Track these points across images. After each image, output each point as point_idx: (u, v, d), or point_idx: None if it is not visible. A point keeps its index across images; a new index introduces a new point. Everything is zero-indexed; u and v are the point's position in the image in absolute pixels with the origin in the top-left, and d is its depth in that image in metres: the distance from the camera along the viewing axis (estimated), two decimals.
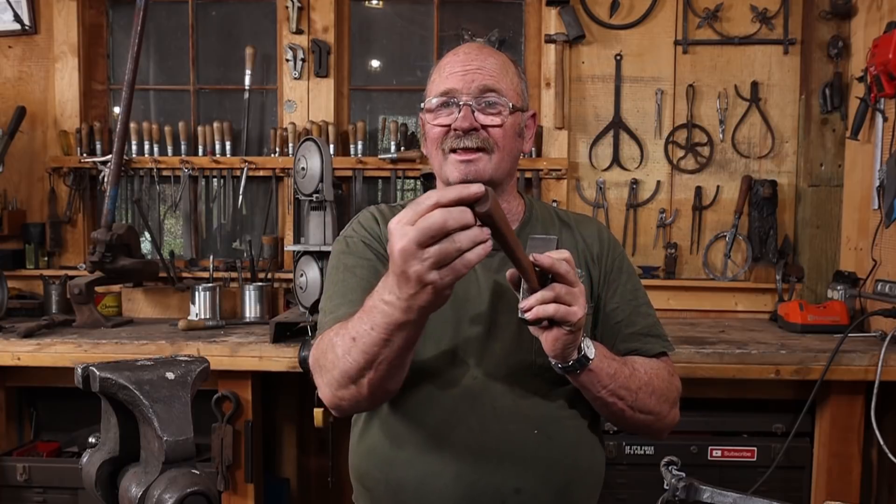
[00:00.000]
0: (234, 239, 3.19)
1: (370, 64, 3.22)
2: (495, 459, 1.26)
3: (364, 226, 1.43)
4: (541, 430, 1.29)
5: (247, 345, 2.28)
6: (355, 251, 1.38)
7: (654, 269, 2.95)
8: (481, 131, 1.32)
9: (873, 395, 2.09)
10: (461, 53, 1.37)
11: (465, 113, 1.31)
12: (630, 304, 1.43)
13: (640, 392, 1.29)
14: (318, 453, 2.95)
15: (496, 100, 1.33)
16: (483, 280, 1.35)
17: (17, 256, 2.99)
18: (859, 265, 2.63)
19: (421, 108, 1.40)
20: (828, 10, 2.74)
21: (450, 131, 1.33)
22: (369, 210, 1.47)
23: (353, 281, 1.33)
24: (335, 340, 1.15)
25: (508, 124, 1.34)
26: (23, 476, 2.38)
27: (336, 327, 1.18)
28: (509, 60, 1.40)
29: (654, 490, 1.29)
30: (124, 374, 0.81)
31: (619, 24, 2.96)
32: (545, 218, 1.47)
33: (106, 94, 3.18)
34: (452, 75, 1.34)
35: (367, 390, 1.14)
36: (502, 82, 1.35)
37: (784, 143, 2.94)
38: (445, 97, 1.34)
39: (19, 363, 2.29)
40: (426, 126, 1.38)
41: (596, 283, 1.43)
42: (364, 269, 1.35)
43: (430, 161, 1.41)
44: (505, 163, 1.36)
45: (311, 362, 1.26)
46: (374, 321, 1.05)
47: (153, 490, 0.79)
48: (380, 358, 1.09)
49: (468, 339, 1.32)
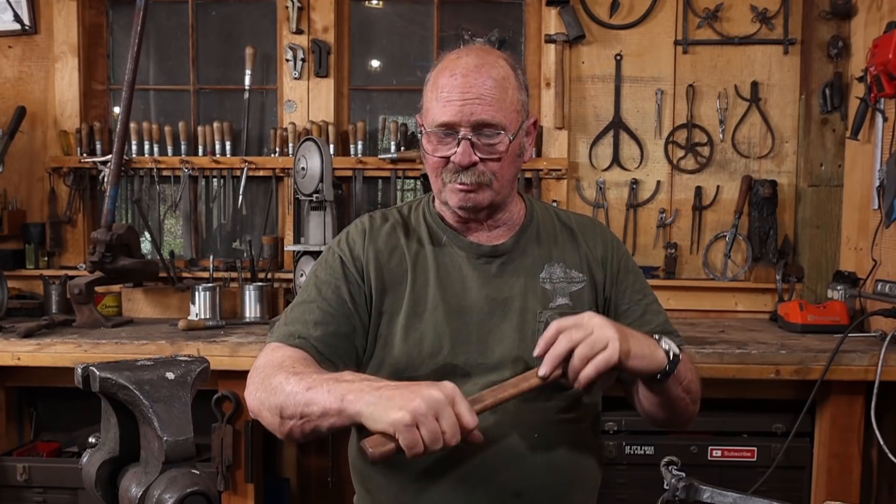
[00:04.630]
0: (234, 239, 3.19)
1: (370, 64, 3.22)
2: (495, 464, 1.26)
3: (349, 241, 1.40)
4: (541, 435, 1.29)
5: (247, 345, 2.28)
6: (330, 266, 1.38)
7: (654, 269, 2.95)
8: (479, 165, 1.30)
9: (873, 395, 2.08)
10: (458, 76, 1.29)
11: (464, 148, 1.28)
12: (641, 303, 1.43)
13: (695, 381, 1.35)
14: (318, 453, 2.95)
15: (495, 133, 1.29)
16: (477, 290, 1.35)
17: (17, 256, 2.99)
18: (859, 265, 2.63)
19: (419, 110, 1.38)
20: (828, 10, 2.73)
21: (448, 163, 1.31)
22: (362, 220, 1.45)
23: (315, 298, 1.34)
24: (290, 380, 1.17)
25: (508, 153, 1.31)
26: (23, 476, 2.38)
27: (298, 362, 1.23)
28: (510, 71, 1.33)
29: (654, 490, 1.29)
30: (124, 374, 0.81)
31: (619, 24, 2.95)
32: (545, 221, 1.46)
33: (106, 94, 3.18)
34: (450, 104, 1.28)
35: (285, 430, 1.18)
36: (501, 111, 1.29)
37: (784, 143, 2.94)
38: (443, 128, 1.30)
39: (19, 363, 2.29)
40: (424, 150, 1.35)
41: (601, 287, 1.42)
42: (328, 288, 1.35)
43: (430, 179, 1.39)
44: (505, 189, 1.35)
45: (255, 369, 1.27)
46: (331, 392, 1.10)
47: (153, 490, 0.79)
48: (309, 420, 1.13)
49: (466, 349, 1.32)
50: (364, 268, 1.36)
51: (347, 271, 1.36)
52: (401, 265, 1.37)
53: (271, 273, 2.91)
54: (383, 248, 1.38)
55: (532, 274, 1.38)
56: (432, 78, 1.35)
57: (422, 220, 1.43)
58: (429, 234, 1.41)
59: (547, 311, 1.35)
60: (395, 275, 1.36)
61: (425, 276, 1.36)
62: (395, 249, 1.39)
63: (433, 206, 1.44)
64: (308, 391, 1.12)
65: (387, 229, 1.41)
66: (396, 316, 1.34)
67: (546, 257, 1.40)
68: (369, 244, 1.38)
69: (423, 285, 1.35)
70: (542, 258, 1.40)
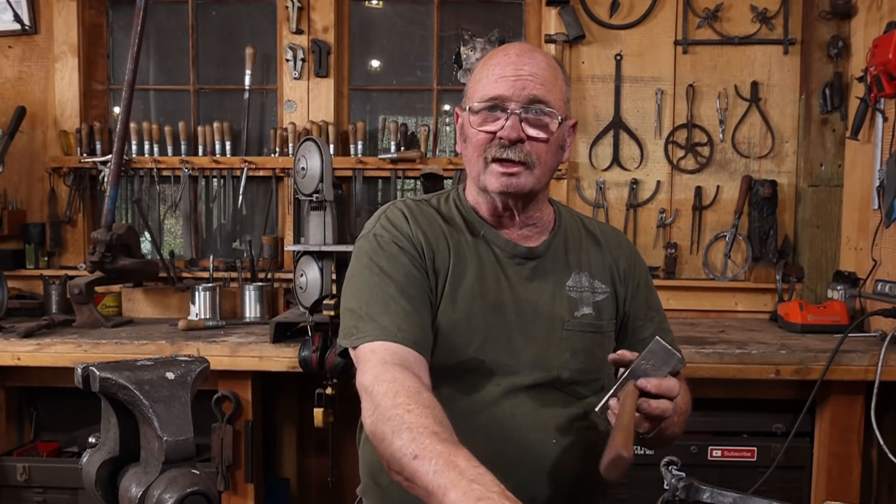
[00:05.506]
0: (234, 239, 3.19)
1: (370, 64, 3.22)
2: (512, 467, 1.24)
3: (394, 223, 1.33)
4: (559, 440, 1.29)
5: (247, 345, 2.28)
6: (389, 252, 1.29)
7: (654, 269, 2.94)
8: (525, 144, 1.27)
9: (873, 395, 2.09)
10: (513, 55, 1.29)
11: (514, 122, 1.25)
12: (654, 319, 1.44)
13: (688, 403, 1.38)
14: (318, 453, 2.95)
15: (546, 111, 1.27)
16: (512, 289, 1.33)
17: (17, 256, 2.99)
18: (859, 265, 2.63)
19: (464, 107, 1.34)
20: (828, 10, 2.73)
21: (494, 139, 1.28)
22: (397, 206, 1.38)
23: (392, 289, 1.25)
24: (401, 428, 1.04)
25: (554, 138, 1.29)
26: (23, 476, 2.38)
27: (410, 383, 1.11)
28: (558, 65, 1.34)
29: (654, 490, 1.28)
30: (124, 374, 0.81)
31: (619, 24, 2.95)
32: (573, 229, 1.44)
33: (106, 94, 3.18)
34: (503, 79, 1.26)
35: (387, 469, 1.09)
36: (552, 92, 1.28)
37: (784, 143, 2.94)
38: (493, 101, 1.27)
39: (19, 363, 2.29)
40: (468, 129, 1.31)
41: (622, 300, 1.42)
42: (400, 275, 1.27)
43: (466, 163, 1.36)
44: (545, 177, 1.33)
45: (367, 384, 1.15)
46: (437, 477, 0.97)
47: (153, 490, 0.79)
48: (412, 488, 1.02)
49: (496, 347, 1.30)
50: (421, 250, 1.31)
51: (407, 252, 1.29)
52: (444, 250, 1.33)
53: (271, 273, 2.91)
54: (428, 230, 1.33)
55: (559, 281, 1.36)
56: (479, 66, 1.33)
57: (455, 211, 1.39)
58: (465, 225, 1.37)
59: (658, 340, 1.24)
60: (441, 258, 1.32)
61: (465, 265, 1.32)
62: (439, 234, 1.34)
63: (465, 199, 1.40)
64: (415, 460, 1.00)
65: (427, 214, 1.36)
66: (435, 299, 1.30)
67: (573, 265, 1.39)
68: (415, 226, 1.33)
69: (461, 274, 1.31)
70: (570, 266, 1.39)
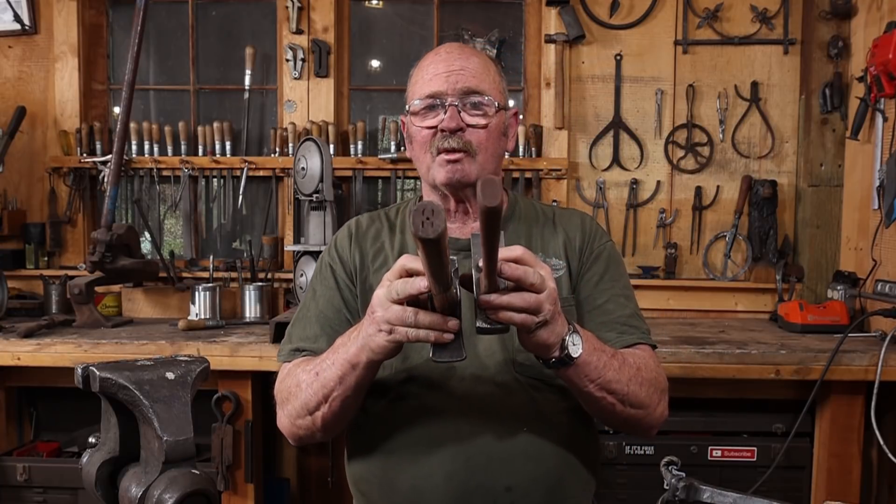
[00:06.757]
0: (234, 239, 3.19)
1: (370, 64, 3.22)
2: (485, 459, 1.26)
3: (337, 247, 1.46)
4: (529, 428, 1.29)
5: (247, 345, 2.28)
6: (324, 276, 1.44)
7: (654, 269, 2.95)
8: (466, 132, 1.33)
9: (873, 395, 2.08)
10: (443, 53, 1.38)
11: (452, 113, 1.33)
12: (606, 292, 1.39)
13: (631, 384, 1.23)
14: (318, 453, 2.95)
15: (481, 100, 1.34)
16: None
17: (17, 256, 2.99)
18: (859, 265, 2.63)
19: (406, 111, 1.40)
20: (828, 10, 2.73)
21: (437, 133, 1.34)
22: (349, 225, 1.50)
23: (313, 311, 1.41)
24: (300, 376, 1.27)
25: (493, 124, 1.36)
26: (23, 476, 2.38)
27: (302, 363, 1.31)
28: (489, 59, 1.41)
29: (654, 490, 1.29)
30: (124, 374, 0.81)
31: (619, 24, 2.96)
32: (528, 216, 1.46)
33: (106, 94, 3.18)
34: (436, 77, 1.35)
35: (320, 423, 1.26)
36: (485, 82, 1.36)
37: (784, 143, 2.94)
38: (431, 99, 1.35)
39: (19, 363, 2.29)
40: (411, 129, 1.39)
41: (576, 274, 1.41)
42: (324, 299, 1.41)
43: (416, 164, 1.42)
44: (490, 164, 1.37)
45: (276, 393, 1.35)
46: (336, 357, 1.19)
47: (153, 490, 0.79)
48: (333, 394, 1.21)
49: None
50: (353, 271, 1.42)
51: (338, 278, 1.42)
52: (386, 259, 1.41)
53: (271, 273, 2.91)
54: (369, 249, 1.43)
55: None
56: (414, 70, 1.42)
57: (406, 215, 1.45)
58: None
59: None
60: (380, 275, 1.33)
61: None
62: (381, 251, 1.43)
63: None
64: (318, 375, 1.22)
65: (373, 231, 1.46)
66: None
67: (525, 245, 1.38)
68: (355, 247, 1.44)
69: None
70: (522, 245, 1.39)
